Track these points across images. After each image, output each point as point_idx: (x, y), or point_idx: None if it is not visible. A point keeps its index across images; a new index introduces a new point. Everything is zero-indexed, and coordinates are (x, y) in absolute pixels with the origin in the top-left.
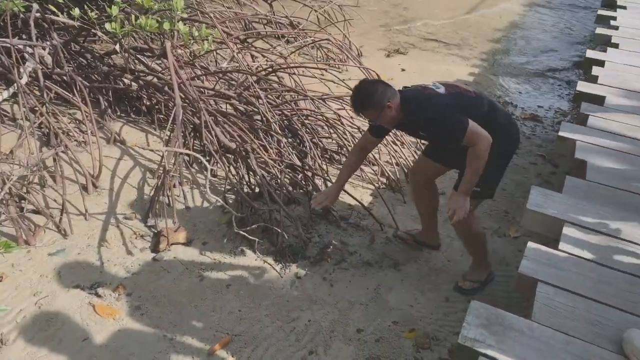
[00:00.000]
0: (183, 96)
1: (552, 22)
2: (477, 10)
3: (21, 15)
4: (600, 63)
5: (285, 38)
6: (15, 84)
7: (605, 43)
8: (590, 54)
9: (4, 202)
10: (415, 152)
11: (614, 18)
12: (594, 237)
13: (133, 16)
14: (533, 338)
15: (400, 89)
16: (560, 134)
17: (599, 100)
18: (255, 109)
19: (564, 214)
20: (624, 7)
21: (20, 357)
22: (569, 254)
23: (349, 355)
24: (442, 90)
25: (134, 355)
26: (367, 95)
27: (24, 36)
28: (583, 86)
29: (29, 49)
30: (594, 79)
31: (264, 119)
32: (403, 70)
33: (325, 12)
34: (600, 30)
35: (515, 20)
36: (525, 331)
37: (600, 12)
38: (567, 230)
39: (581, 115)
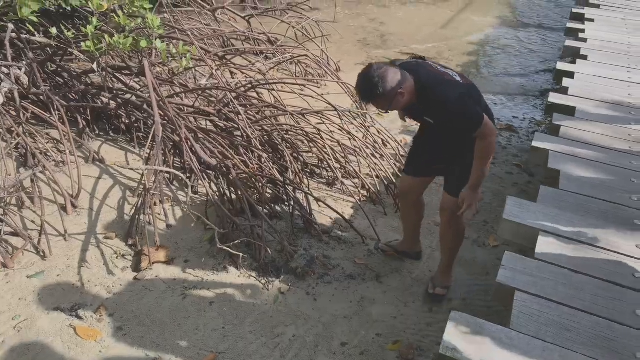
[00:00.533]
0: (162, 114)
1: (524, 36)
2: (452, 25)
3: None
4: (570, 75)
5: (264, 54)
6: None
7: (574, 55)
8: (561, 65)
9: None
10: (394, 164)
11: (582, 31)
12: (567, 245)
13: (107, 35)
14: (512, 346)
15: (412, 63)
16: (534, 144)
17: (570, 111)
18: (235, 125)
19: (539, 223)
20: (592, 20)
21: None
22: (544, 262)
23: None
24: (459, 78)
25: None
26: (376, 84)
27: None
28: (554, 97)
29: (5, 69)
30: (564, 90)
31: (244, 134)
32: None
33: (303, 28)
34: (569, 43)
35: (489, 35)
36: (504, 339)
37: (569, 24)
38: (542, 239)
39: (554, 125)
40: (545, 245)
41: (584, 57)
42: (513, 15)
